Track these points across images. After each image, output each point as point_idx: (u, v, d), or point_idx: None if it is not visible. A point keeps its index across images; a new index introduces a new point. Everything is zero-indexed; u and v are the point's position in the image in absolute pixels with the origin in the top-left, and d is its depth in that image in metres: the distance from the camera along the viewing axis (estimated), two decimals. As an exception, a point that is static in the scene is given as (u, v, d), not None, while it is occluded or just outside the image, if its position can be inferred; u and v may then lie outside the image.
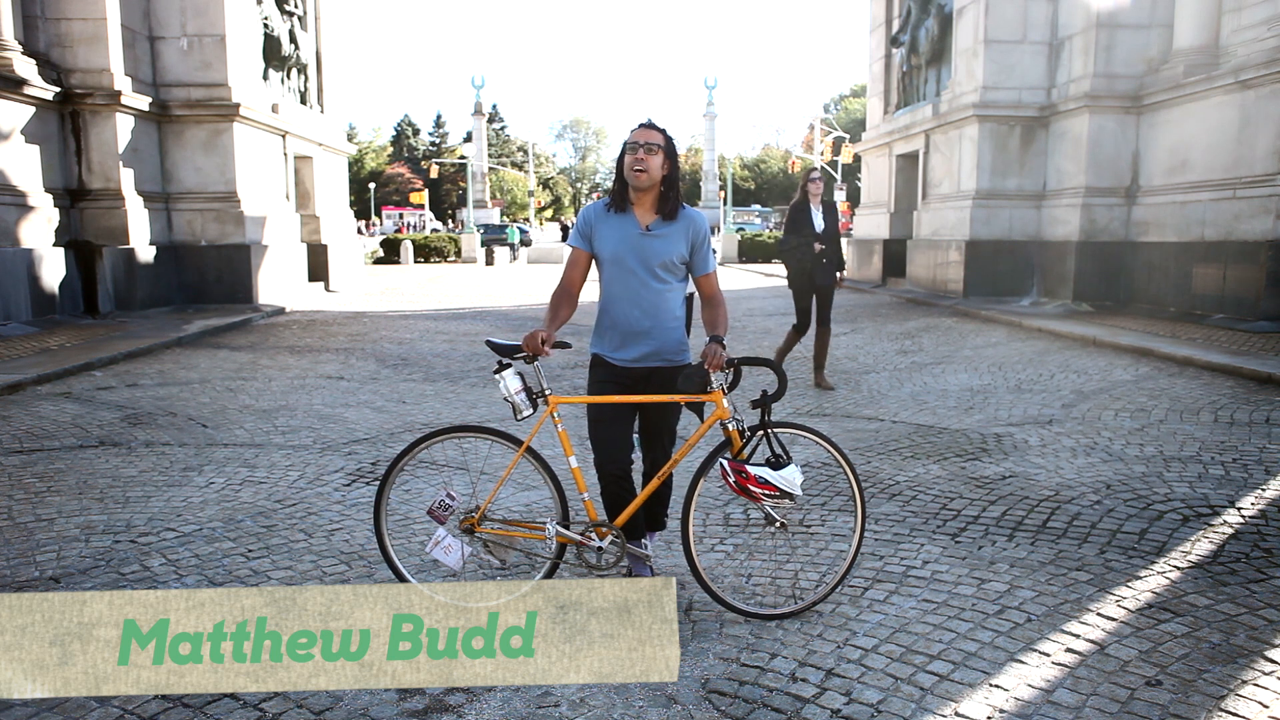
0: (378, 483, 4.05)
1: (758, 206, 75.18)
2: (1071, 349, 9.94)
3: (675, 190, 3.36)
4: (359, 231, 30.32)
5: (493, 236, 43.89)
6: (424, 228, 59.97)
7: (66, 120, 12.87)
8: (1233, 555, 3.85)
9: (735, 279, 23.56)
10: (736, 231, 37.46)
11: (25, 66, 11.85)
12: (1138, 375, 8.23)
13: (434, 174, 63.63)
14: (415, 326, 12.99)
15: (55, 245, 12.25)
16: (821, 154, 46.47)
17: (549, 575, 3.35)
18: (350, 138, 46.26)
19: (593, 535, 3.30)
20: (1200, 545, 3.97)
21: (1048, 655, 2.99)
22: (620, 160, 3.34)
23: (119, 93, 12.84)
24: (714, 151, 62.63)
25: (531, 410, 3.25)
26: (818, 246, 7.84)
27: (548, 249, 38.65)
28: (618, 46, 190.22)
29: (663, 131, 3.32)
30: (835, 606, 3.39)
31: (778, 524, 3.32)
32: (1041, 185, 15.16)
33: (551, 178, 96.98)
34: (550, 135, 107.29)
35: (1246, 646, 3.04)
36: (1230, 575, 3.63)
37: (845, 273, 8.62)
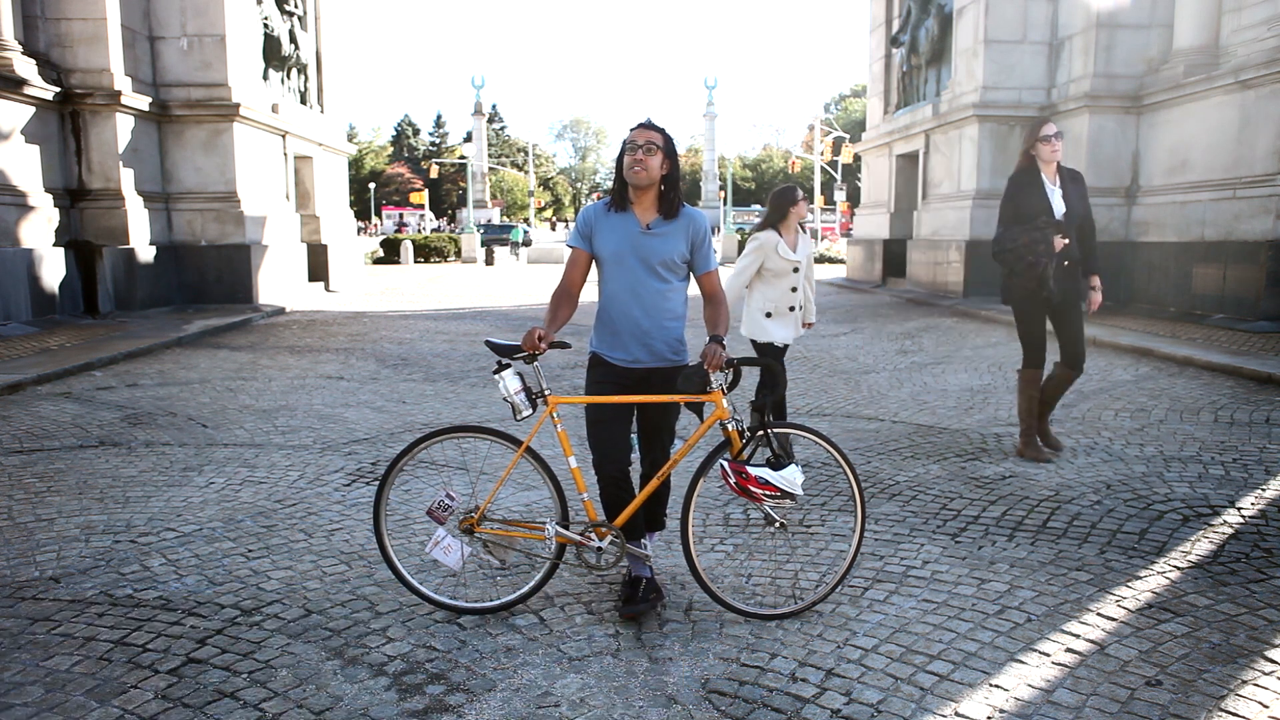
0: (377, 483, 4.05)
1: (758, 206, 75.22)
2: (1071, 349, 9.93)
3: (675, 189, 3.37)
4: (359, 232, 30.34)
5: (493, 236, 44.17)
6: (424, 229, 59.85)
7: (66, 120, 12.88)
8: (1233, 555, 3.85)
9: (735, 279, 23.52)
10: (736, 231, 37.47)
11: (25, 66, 11.86)
12: (1138, 375, 8.22)
13: (434, 174, 63.77)
14: (415, 326, 12.99)
15: (55, 245, 12.25)
16: (821, 154, 46.46)
17: (548, 575, 3.35)
18: (350, 138, 46.28)
19: (592, 535, 3.30)
20: (1200, 545, 3.97)
21: (1048, 655, 2.99)
22: (620, 160, 3.35)
23: (119, 93, 12.84)
24: (714, 151, 62.71)
25: (531, 410, 3.25)
26: (1060, 241, 5.15)
27: (548, 249, 38.70)
28: (618, 46, 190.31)
29: (661, 131, 3.33)
30: (835, 606, 3.39)
31: (777, 524, 3.32)
32: (1041, 185, 15.14)
33: (551, 178, 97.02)
34: (550, 135, 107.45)
35: (1246, 646, 3.04)
36: (1230, 575, 3.63)
37: (1098, 285, 5.44)
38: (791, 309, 5.53)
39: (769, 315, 5.45)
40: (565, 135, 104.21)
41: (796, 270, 5.47)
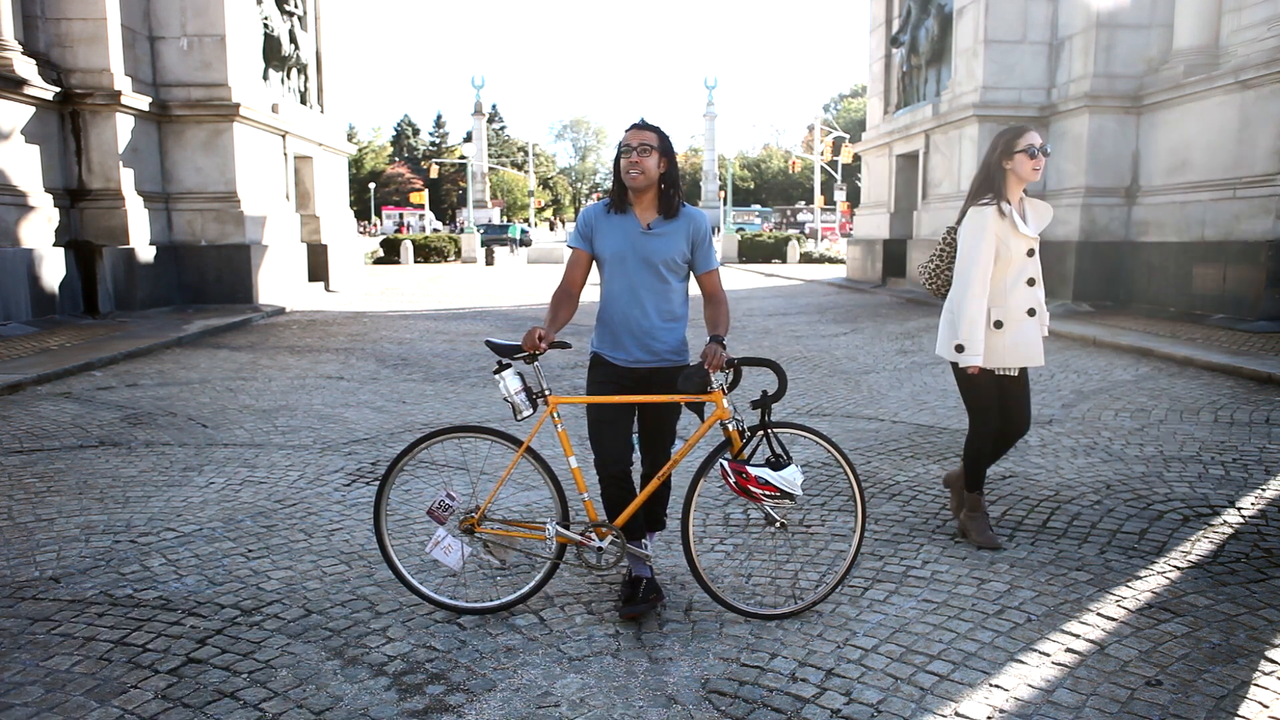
0: (378, 483, 4.05)
1: (758, 206, 75.28)
2: (1071, 349, 9.94)
3: (675, 188, 3.36)
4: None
5: (493, 236, 44.58)
6: (424, 229, 59.85)
7: (66, 120, 12.88)
8: (1233, 555, 3.85)
9: (735, 279, 23.55)
10: (736, 231, 37.48)
11: (25, 66, 11.86)
12: (1138, 375, 8.22)
13: (434, 174, 63.82)
14: (415, 326, 12.99)
15: (55, 245, 12.25)
16: (821, 154, 46.46)
17: (549, 576, 3.35)
18: (350, 138, 46.31)
19: (593, 535, 3.29)
20: (1200, 545, 3.97)
21: (1048, 655, 2.99)
22: (617, 163, 3.34)
23: (119, 93, 12.85)
24: (714, 151, 62.69)
25: (531, 410, 3.24)
26: None
27: (548, 249, 38.80)
28: (618, 46, 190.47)
29: (656, 130, 3.31)
30: (835, 606, 3.39)
31: (777, 524, 3.32)
32: (1041, 185, 15.14)
33: (551, 178, 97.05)
34: (550, 135, 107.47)
35: (1246, 646, 3.04)
36: (1230, 575, 3.63)
37: None
38: (1031, 312, 3.90)
39: (998, 324, 3.86)
40: (565, 135, 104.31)
41: (1032, 253, 3.89)
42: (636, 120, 3.36)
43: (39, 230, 11.99)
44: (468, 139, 67.14)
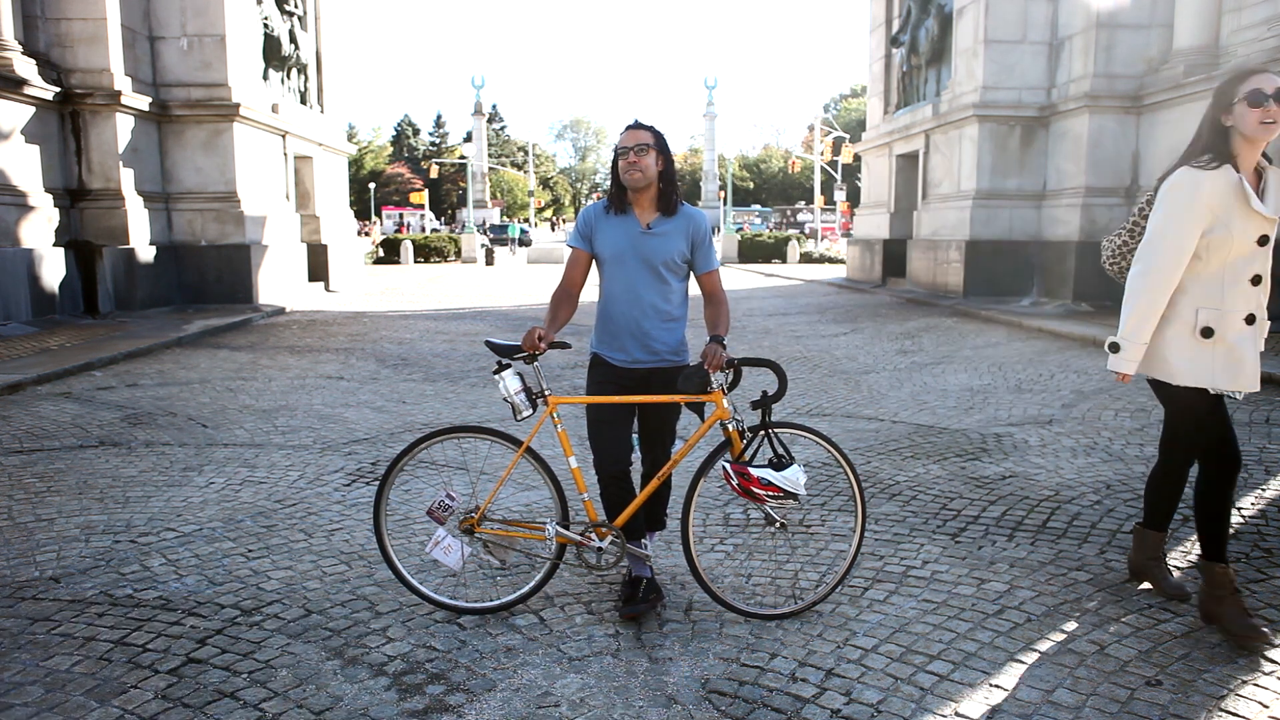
0: (378, 483, 4.05)
1: (758, 206, 75.28)
2: (1071, 349, 9.94)
3: (673, 186, 3.37)
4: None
5: (495, 236, 44.92)
6: (424, 229, 59.87)
7: (66, 120, 12.88)
8: (1233, 555, 3.83)
9: (735, 279, 23.55)
10: (736, 231, 37.50)
11: (25, 66, 11.86)
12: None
13: (434, 174, 63.86)
14: (415, 326, 12.99)
15: (55, 245, 12.25)
16: (821, 154, 46.46)
17: (549, 576, 3.35)
18: (350, 138, 46.33)
19: (592, 535, 3.29)
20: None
21: (1048, 655, 2.99)
22: (614, 165, 3.35)
23: (119, 93, 12.85)
24: (714, 151, 62.76)
25: (531, 410, 3.25)
26: None
27: (548, 249, 38.83)
28: (618, 46, 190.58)
29: (651, 129, 3.33)
30: (835, 606, 3.39)
31: (778, 524, 3.32)
32: (1041, 185, 15.16)
33: (551, 178, 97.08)
34: (550, 135, 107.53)
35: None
36: (1230, 575, 3.63)
37: None
38: (1250, 320, 3.08)
39: (1206, 332, 3.06)
40: (565, 135, 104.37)
41: (1265, 242, 3.02)
42: (631, 121, 3.38)
43: (39, 230, 12.00)
44: (468, 139, 67.20)
